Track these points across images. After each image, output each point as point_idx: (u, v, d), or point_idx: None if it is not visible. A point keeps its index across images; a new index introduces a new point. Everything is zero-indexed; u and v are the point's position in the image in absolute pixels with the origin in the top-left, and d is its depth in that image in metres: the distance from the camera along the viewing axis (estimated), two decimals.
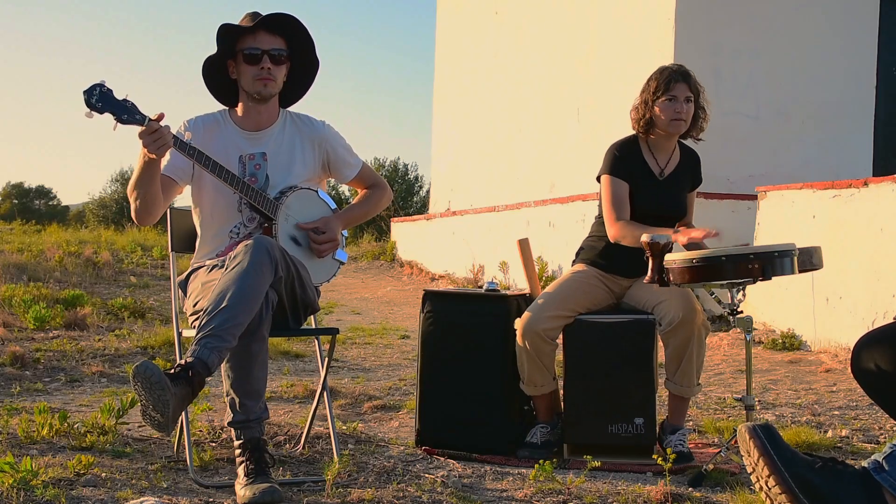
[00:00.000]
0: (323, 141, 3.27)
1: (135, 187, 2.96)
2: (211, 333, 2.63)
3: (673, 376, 3.34)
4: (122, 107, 2.77)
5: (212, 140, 3.10)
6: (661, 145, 3.55)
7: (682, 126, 3.48)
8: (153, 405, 2.48)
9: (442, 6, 13.91)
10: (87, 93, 2.74)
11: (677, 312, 3.23)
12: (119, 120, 2.77)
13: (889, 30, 8.37)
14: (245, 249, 2.78)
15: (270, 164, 3.16)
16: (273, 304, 2.83)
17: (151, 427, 2.54)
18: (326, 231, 3.18)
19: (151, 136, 2.76)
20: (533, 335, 3.33)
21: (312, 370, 5.43)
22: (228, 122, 3.20)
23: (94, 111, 2.75)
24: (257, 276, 2.73)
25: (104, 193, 39.42)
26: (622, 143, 3.57)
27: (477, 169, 12.16)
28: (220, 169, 2.97)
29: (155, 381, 2.47)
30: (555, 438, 3.44)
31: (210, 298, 2.72)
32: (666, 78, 3.46)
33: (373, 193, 3.42)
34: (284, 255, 2.87)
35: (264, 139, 3.19)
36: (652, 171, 3.52)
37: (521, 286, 6.38)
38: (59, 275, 9.09)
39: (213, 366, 2.61)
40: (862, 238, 5.49)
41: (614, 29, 8.89)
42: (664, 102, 3.44)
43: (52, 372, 4.99)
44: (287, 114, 3.27)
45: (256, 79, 3.10)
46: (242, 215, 3.13)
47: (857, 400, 4.46)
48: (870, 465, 2.35)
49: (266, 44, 3.09)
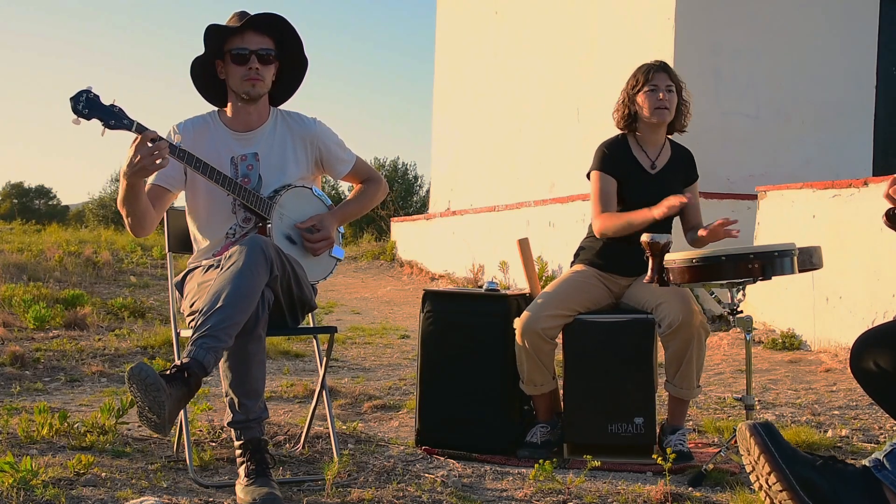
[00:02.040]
0: (315, 138, 3.26)
1: (123, 204, 2.95)
2: (207, 333, 2.62)
3: (673, 378, 3.34)
4: (110, 112, 2.78)
5: (202, 143, 3.08)
6: (650, 139, 3.56)
7: (665, 114, 3.48)
8: (149, 407, 2.48)
9: (442, 6, 13.91)
10: (74, 99, 2.75)
11: (677, 315, 3.23)
12: (107, 125, 2.78)
13: (889, 30, 8.37)
14: (240, 249, 2.78)
15: (263, 164, 3.15)
16: (269, 304, 2.83)
17: (148, 428, 2.54)
18: (321, 229, 3.17)
19: (150, 148, 2.74)
20: (532, 334, 3.33)
21: (312, 370, 5.43)
22: (218, 123, 3.18)
23: (81, 118, 2.76)
24: (252, 276, 2.73)
25: (104, 193, 39.43)
26: (611, 141, 3.60)
27: (477, 169, 12.16)
28: (212, 171, 2.96)
29: (150, 383, 2.47)
30: (555, 438, 3.44)
31: (205, 299, 2.72)
32: (645, 70, 3.51)
33: (367, 188, 3.41)
34: (280, 254, 2.86)
35: (255, 139, 3.17)
36: (642, 166, 3.54)
37: (521, 286, 6.38)
38: (59, 275, 9.09)
39: (209, 366, 2.61)
40: (862, 238, 5.49)
41: (614, 29, 8.89)
42: (646, 93, 3.47)
43: (52, 372, 4.99)
44: (277, 112, 3.25)
45: (245, 79, 3.08)
46: (237, 217, 3.13)
47: (857, 400, 4.46)
48: (871, 463, 2.34)
49: (254, 44, 3.07)
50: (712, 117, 7.88)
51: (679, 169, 3.59)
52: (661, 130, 3.56)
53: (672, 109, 3.49)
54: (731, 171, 7.84)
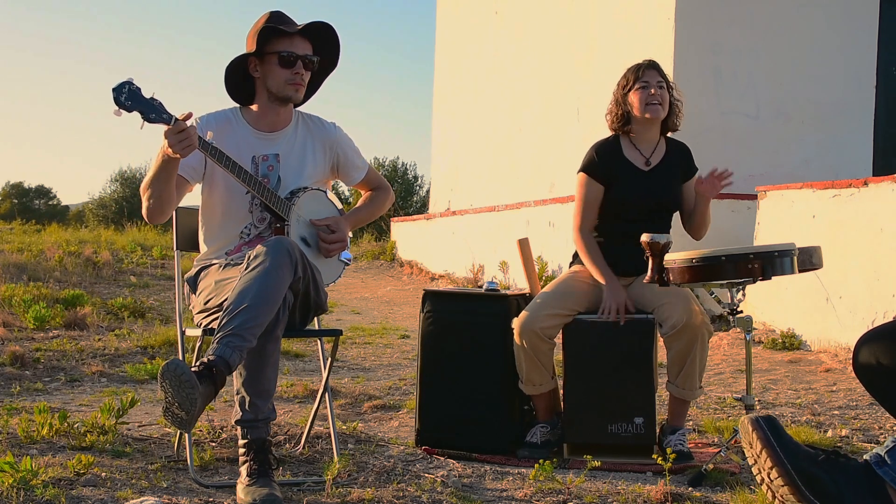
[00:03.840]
0: (334, 144, 3.27)
1: (150, 185, 2.92)
2: (232, 332, 2.63)
3: (675, 379, 3.33)
4: (150, 105, 2.74)
5: (223, 139, 3.06)
6: (644, 137, 3.55)
7: (658, 110, 3.47)
8: (179, 403, 2.48)
9: (442, 6, 13.91)
10: (117, 90, 2.70)
11: (680, 316, 3.22)
12: (147, 119, 2.74)
13: (889, 30, 8.36)
14: (266, 250, 2.77)
15: (283, 165, 3.15)
16: (289, 306, 2.83)
17: (173, 424, 2.54)
18: (337, 231, 3.18)
19: (178, 135, 2.74)
20: (530, 334, 3.33)
21: (312, 370, 5.42)
22: (241, 121, 3.17)
23: (122, 109, 2.71)
24: (278, 277, 2.73)
25: (104, 193, 39.35)
26: (603, 142, 3.60)
27: (477, 169, 12.16)
28: (238, 169, 2.95)
29: (185, 380, 2.47)
30: (555, 438, 3.44)
31: (231, 297, 2.71)
32: (634, 69, 3.52)
33: (378, 195, 3.44)
34: (303, 257, 2.86)
35: (278, 140, 3.17)
36: (635, 165, 3.53)
37: (521, 286, 6.38)
38: (59, 275, 9.09)
39: (234, 364, 2.61)
40: (862, 238, 5.49)
41: (614, 29, 8.90)
42: (637, 91, 3.47)
43: (52, 372, 4.99)
44: (299, 115, 3.26)
45: (289, 83, 3.08)
46: (253, 216, 3.13)
47: (857, 400, 4.46)
48: (871, 459, 2.34)
49: (301, 49, 3.09)
50: (712, 117, 7.88)
51: (676, 164, 3.58)
52: (654, 128, 3.55)
53: (665, 105, 3.49)
54: (731, 170, 7.82)
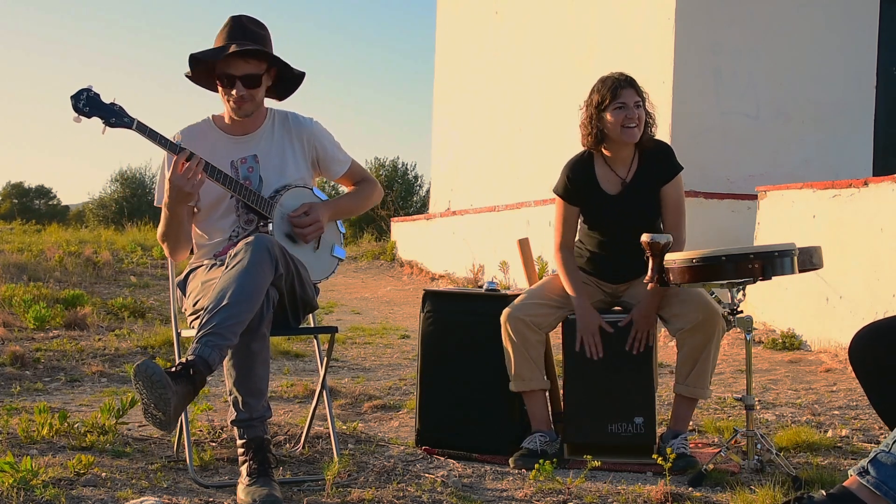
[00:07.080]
0: (312, 138, 3.27)
1: (165, 237, 3.04)
2: (212, 331, 2.63)
3: (685, 378, 3.30)
4: (110, 110, 2.82)
5: (201, 150, 3.07)
6: (618, 156, 3.45)
7: (635, 133, 3.37)
8: (154, 404, 2.49)
9: (442, 6, 13.91)
10: (75, 98, 2.80)
11: (697, 314, 3.21)
12: (107, 123, 2.83)
13: (889, 30, 8.36)
14: (245, 247, 2.79)
15: (262, 165, 3.17)
16: (274, 302, 2.84)
17: (153, 425, 2.55)
18: (311, 214, 3.16)
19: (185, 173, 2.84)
20: (516, 321, 3.31)
21: (312, 370, 5.43)
22: (215, 129, 3.20)
23: (82, 115, 2.81)
24: (258, 274, 2.74)
25: (104, 193, 39.25)
26: (576, 162, 3.51)
27: (477, 169, 12.16)
28: (217, 172, 2.99)
29: (156, 380, 2.48)
30: (551, 451, 3.33)
31: (211, 296, 2.72)
32: (611, 86, 3.38)
33: (362, 188, 3.41)
34: (284, 253, 2.87)
35: (254, 142, 3.19)
36: (605, 191, 3.44)
37: (521, 286, 6.38)
38: (59, 275, 9.09)
39: (214, 364, 2.62)
40: (862, 238, 5.49)
41: (614, 29, 8.89)
42: (614, 111, 3.36)
43: (52, 372, 4.99)
44: (275, 113, 3.26)
45: (232, 101, 3.10)
46: (240, 218, 3.14)
47: (857, 400, 4.46)
48: (856, 472, 2.35)
49: (239, 70, 3.06)
50: (712, 117, 7.88)
51: (653, 174, 3.44)
52: (630, 147, 3.45)
53: (641, 126, 3.38)
54: (731, 171, 7.83)
